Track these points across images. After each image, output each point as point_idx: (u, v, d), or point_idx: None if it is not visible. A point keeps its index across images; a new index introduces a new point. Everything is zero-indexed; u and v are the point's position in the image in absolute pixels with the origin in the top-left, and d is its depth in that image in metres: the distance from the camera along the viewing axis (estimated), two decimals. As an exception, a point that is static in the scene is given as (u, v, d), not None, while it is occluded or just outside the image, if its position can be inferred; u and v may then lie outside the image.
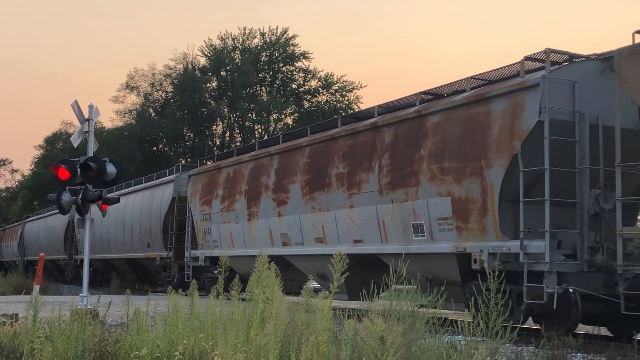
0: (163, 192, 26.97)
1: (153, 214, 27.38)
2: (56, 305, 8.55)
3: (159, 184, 28.02)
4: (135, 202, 29.79)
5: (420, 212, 13.80)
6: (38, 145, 70.63)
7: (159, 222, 26.72)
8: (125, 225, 30.28)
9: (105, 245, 32.82)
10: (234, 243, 20.61)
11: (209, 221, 22.07)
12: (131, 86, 55.98)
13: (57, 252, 41.09)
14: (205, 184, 22.70)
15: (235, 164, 21.24)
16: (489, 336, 5.82)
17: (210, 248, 22.19)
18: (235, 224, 20.44)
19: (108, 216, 30.77)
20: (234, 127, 54.61)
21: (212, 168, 22.83)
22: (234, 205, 20.52)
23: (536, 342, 10.99)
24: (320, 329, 5.95)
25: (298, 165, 17.90)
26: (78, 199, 13.50)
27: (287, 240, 18.20)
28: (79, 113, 14.10)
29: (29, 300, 8.33)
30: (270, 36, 54.93)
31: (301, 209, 17.47)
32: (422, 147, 13.81)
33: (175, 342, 7.39)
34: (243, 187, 20.16)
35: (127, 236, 30.00)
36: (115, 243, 31.64)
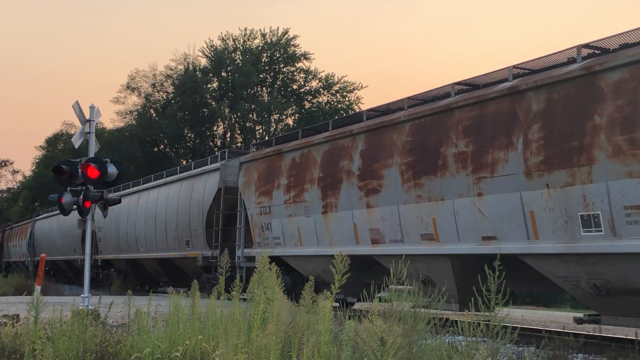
0: (206, 182, 23.65)
1: (193, 207, 24.05)
2: (57, 306, 8.56)
3: (200, 173, 24.58)
4: (169, 195, 26.50)
5: (594, 198, 10.49)
6: (39, 146, 70.76)
7: (200, 217, 23.47)
8: (157, 222, 27.02)
9: (133, 244, 29.65)
10: (302, 240, 17.63)
11: (269, 215, 19.00)
12: (132, 87, 56.04)
13: (74, 252, 38.39)
14: (262, 172, 19.51)
15: (302, 147, 17.92)
16: (489, 337, 5.82)
17: (269, 246, 19.23)
18: (305, 217, 17.39)
19: (136, 212, 29.13)
20: (234, 127, 54.64)
21: (270, 153, 19.40)
22: (303, 196, 17.37)
23: (537, 342, 11.00)
24: (321, 329, 5.96)
25: (394, 145, 14.54)
26: (79, 200, 13.52)
27: (378, 237, 14.88)
28: (80, 114, 14.11)
29: (30, 301, 8.34)
30: (271, 37, 54.99)
31: (401, 199, 14.15)
32: (596, 113, 10.55)
33: (176, 343, 7.40)
34: (315, 174, 17.04)
35: (160, 233, 26.75)
36: (145, 241, 28.30)
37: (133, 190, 30.88)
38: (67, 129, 64.60)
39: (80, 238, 35.46)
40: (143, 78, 55.77)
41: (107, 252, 33.20)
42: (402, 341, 5.79)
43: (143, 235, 28.41)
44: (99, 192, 13.76)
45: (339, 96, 54.62)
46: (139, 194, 30.02)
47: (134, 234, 29.31)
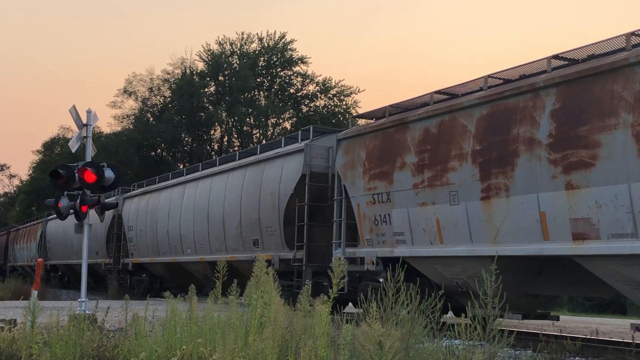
0: (282, 167, 19.23)
1: (265, 199, 19.53)
2: (54, 311, 8.55)
3: (273, 157, 20.02)
4: (228, 185, 21.95)
5: None
6: (36, 151, 70.77)
7: (276, 211, 19.00)
8: (211, 218, 22.59)
9: (176, 245, 25.26)
10: (442, 236, 13.27)
11: (387, 204, 14.65)
12: (129, 91, 56.07)
13: (96, 255, 34.17)
14: (374, 150, 15.29)
15: (440, 113, 13.63)
16: (486, 340, 5.83)
17: (387, 244, 14.65)
18: (450, 205, 13.04)
19: (180, 207, 24.78)
20: (232, 131, 54.66)
21: (386, 125, 15.16)
22: (447, 177, 13.10)
23: (534, 345, 11.01)
24: (319, 333, 5.96)
25: (620, 98, 10.36)
26: (76, 204, 13.52)
27: (587, 231, 10.74)
28: (77, 118, 14.10)
29: (27, 306, 8.33)
30: (268, 41, 55.06)
31: (635, 174, 10.11)
32: None
33: (173, 347, 7.40)
34: (466, 148, 12.73)
35: (216, 232, 22.31)
36: (194, 242, 23.93)
37: (175, 182, 26.57)
38: (64, 133, 64.64)
39: (105, 239, 32.70)
40: (140, 82, 55.86)
41: (140, 254, 28.76)
42: (399, 345, 5.79)
43: (191, 234, 24.10)
44: (96, 196, 13.75)
45: (336, 100, 54.69)
46: (183, 186, 25.54)
47: (178, 233, 24.97)
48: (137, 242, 28.90)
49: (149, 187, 29.22)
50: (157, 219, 26.72)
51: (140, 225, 28.44)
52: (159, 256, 26.73)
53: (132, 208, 29.77)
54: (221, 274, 7.92)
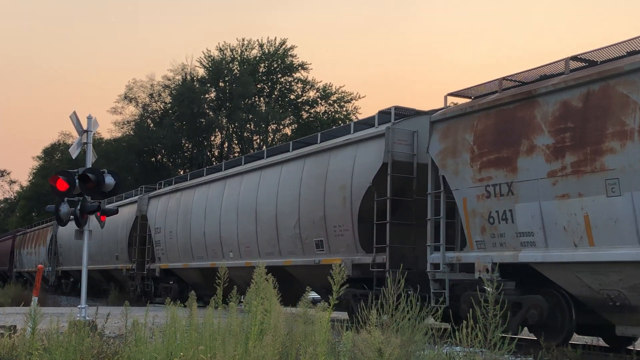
0: (355, 156, 16.28)
1: (332, 194, 16.66)
2: (54, 317, 8.53)
3: (342, 144, 16.97)
4: (282, 179, 19.04)
5: None
6: (36, 157, 70.81)
7: (347, 208, 16.11)
8: (260, 217, 19.73)
9: (215, 249, 22.29)
10: (593, 236, 10.62)
11: (508, 197, 12.00)
12: (130, 97, 56.16)
13: (115, 260, 31.43)
14: (486, 132, 12.70)
15: (588, 82, 11.01)
16: (487, 347, 5.82)
17: (507, 247, 12.10)
18: (607, 197, 10.35)
19: (220, 205, 21.89)
20: (232, 137, 54.69)
21: (504, 101, 12.49)
22: (602, 162, 10.41)
23: (535, 353, 10.99)
24: (319, 340, 5.95)
25: None
26: (76, 211, 13.52)
27: None
28: (77, 124, 14.11)
29: (27, 312, 8.32)
30: (268, 47, 55.14)
31: None
32: None
33: (173, 354, 7.39)
34: (631, 123, 10.14)
35: (267, 233, 19.39)
36: (238, 245, 20.93)
37: (212, 177, 23.68)
38: (65, 139, 64.69)
39: (126, 242, 29.98)
40: (141, 88, 55.95)
41: (169, 259, 25.86)
42: (399, 352, 5.79)
43: (233, 236, 21.12)
44: (96, 202, 13.75)
45: (336, 106, 54.76)
46: (223, 182, 22.61)
47: (217, 235, 22.04)
48: (166, 246, 26.02)
49: (180, 185, 26.21)
50: (191, 219, 23.92)
51: (169, 226, 25.67)
52: (193, 261, 23.80)
53: (160, 208, 27.01)
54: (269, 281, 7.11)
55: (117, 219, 28.68)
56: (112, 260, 31.98)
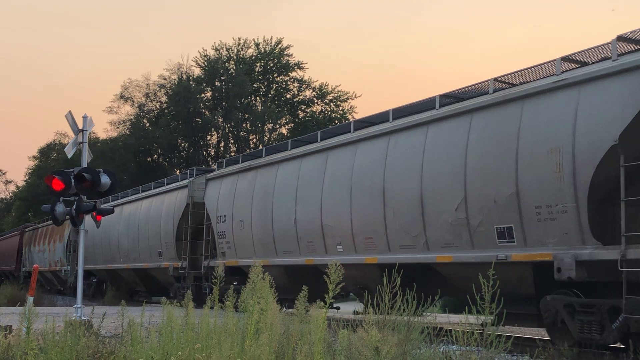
0: (577, 103, 11.18)
1: (531, 164, 11.72)
2: (50, 317, 8.52)
3: (527, 93, 12.10)
4: (429, 144, 14.15)
5: None
6: (32, 156, 70.61)
7: (567, 180, 11.12)
8: (391, 198, 14.85)
9: (312, 241, 17.37)
10: None
11: None
12: (125, 97, 56.09)
13: (158, 257, 26.41)
14: None
15: None
16: (483, 345, 5.81)
17: None
18: None
19: (318, 184, 17.09)
20: (228, 137, 54.68)
21: None
22: None
23: (531, 351, 11.00)
24: (315, 339, 5.95)
25: None
26: (72, 210, 13.50)
27: None
28: (73, 124, 14.09)
29: (22, 312, 8.30)
30: (264, 46, 55.15)
31: None
32: None
33: (169, 354, 7.38)
34: None
35: (402, 220, 14.58)
36: (350, 235, 15.98)
37: (303, 151, 18.41)
38: (60, 139, 64.58)
39: (173, 235, 25.03)
40: (136, 88, 55.89)
41: (239, 254, 20.77)
42: (396, 350, 5.78)
43: (342, 223, 16.14)
44: (91, 202, 13.74)
45: (332, 105, 54.79)
46: (323, 155, 17.48)
47: (317, 224, 17.03)
48: (234, 238, 21.02)
49: (254, 162, 20.90)
50: (273, 204, 19.00)
51: (239, 214, 20.69)
52: (276, 256, 18.81)
53: (224, 192, 21.99)
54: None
55: (159, 209, 26.41)
56: (153, 257, 26.93)
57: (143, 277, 29.10)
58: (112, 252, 31.03)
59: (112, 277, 32.41)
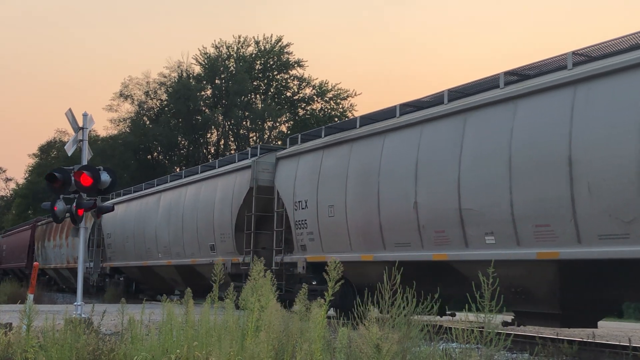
0: None
1: None
2: (50, 314, 8.52)
3: None
4: None
5: None
6: (32, 154, 70.64)
7: None
8: None
9: (403, 233, 14.35)
10: None
11: None
12: (125, 95, 56.09)
13: (209, 252, 22.24)
14: None
15: None
16: (483, 343, 5.81)
17: None
18: None
19: (453, 163, 12.82)
20: (228, 135, 54.69)
21: None
22: None
23: (531, 349, 11.01)
24: (314, 337, 5.95)
25: None
26: (72, 208, 13.51)
27: None
28: (73, 121, 14.10)
29: (22, 309, 8.31)
30: (264, 44, 55.16)
31: None
32: None
33: (169, 351, 7.38)
34: None
35: None
36: (509, 219, 11.95)
37: (433, 113, 14.20)
38: (61, 136, 64.58)
39: (232, 225, 20.79)
40: (136, 86, 55.89)
41: (326, 247, 16.69)
42: (396, 348, 5.78)
43: (501, 203, 12.06)
44: (92, 199, 13.75)
45: (332, 103, 54.80)
46: (460, 118, 13.38)
47: (454, 207, 13.01)
48: (320, 228, 16.84)
49: (345, 135, 16.69)
50: (379, 184, 15.03)
51: (328, 198, 16.52)
52: (384, 250, 14.79)
53: (303, 172, 17.85)
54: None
55: (211, 195, 22.40)
56: (203, 252, 22.82)
57: (186, 275, 24.74)
58: (147, 247, 26.94)
59: (146, 275, 28.20)
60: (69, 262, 35.22)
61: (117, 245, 30.17)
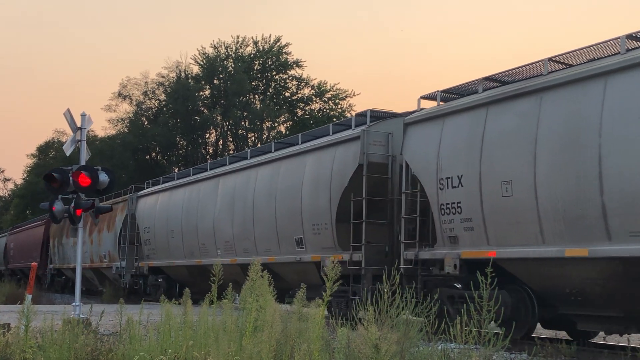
0: None
1: None
2: (48, 315, 8.52)
3: None
4: None
5: None
6: (30, 154, 70.58)
7: None
8: None
9: None
10: None
11: None
12: (124, 95, 56.01)
13: (295, 248, 17.97)
14: None
15: None
16: (481, 343, 5.82)
17: None
18: None
19: None
20: (227, 135, 54.64)
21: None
22: None
23: (529, 349, 11.01)
24: (313, 337, 5.95)
25: None
26: (70, 208, 13.49)
27: None
28: (71, 121, 14.08)
29: (21, 310, 8.30)
30: (263, 44, 55.10)
31: None
32: None
33: (168, 352, 7.38)
34: None
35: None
36: None
37: None
38: (59, 136, 64.50)
39: (332, 211, 16.48)
40: (135, 86, 55.80)
41: (499, 239, 12.32)
42: (395, 348, 5.78)
43: None
44: (90, 200, 13.73)
45: (331, 103, 54.75)
46: None
47: None
48: (485, 213, 12.49)
49: (525, 85, 12.34)
50: (600, 146, 10.64)
51: (500, 171, 12.29)
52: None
53: (453, 139, 13.50)
54: None
55: (297, 178, 18.02)
56: (285, 248, 18.27)
57: None
58: (201, 242, 22.38)
59: (198, 275, 22.69)
60: (94, 261, 31.19)
61: (159, 242, 25.23)
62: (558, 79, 11.56)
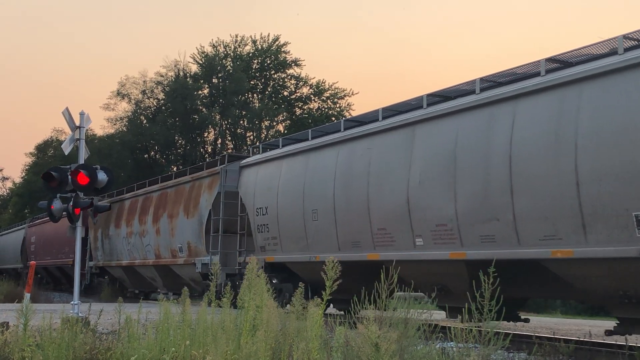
0: None
1: None
2: (47, 314, 8.51)
3: None
4: None
5: None
6: (29, 153, 70.49)
7: None
8: None
9: None
10: None
11: None
12: (122, 93, 55.93)
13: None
14: None
15: None
16: (481, 342, 5.82)
17: None
18: None
19: None
20: (225, 134, 54.63)
21: None
22: None
23: (528, 348, 11.01)
24: (311, 336, 5.94)
25: None
26: (69, 207, 13.48)
27: None
28: (70, 120, 14.07)
29: (19, 309, 8.29)
30: (261, 43, 55.09)
31: None
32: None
33: (166, 350, 7.37)
34: None
35: None
36: None
37: None
38: (57, 135, 64.44)
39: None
40: (133, 85, 55.74)
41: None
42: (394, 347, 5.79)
43: None
44: (88, 198, 13.72)
45: (329, 103, 54.77)
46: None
47: None
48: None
49: None
50: None
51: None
52: None
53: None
54: None
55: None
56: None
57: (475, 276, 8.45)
58: (379, 227, 14.67)
59: (368, 275, 7.49)
60: (162, 256, 24.09)
61: (287, 227, 18.02)
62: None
